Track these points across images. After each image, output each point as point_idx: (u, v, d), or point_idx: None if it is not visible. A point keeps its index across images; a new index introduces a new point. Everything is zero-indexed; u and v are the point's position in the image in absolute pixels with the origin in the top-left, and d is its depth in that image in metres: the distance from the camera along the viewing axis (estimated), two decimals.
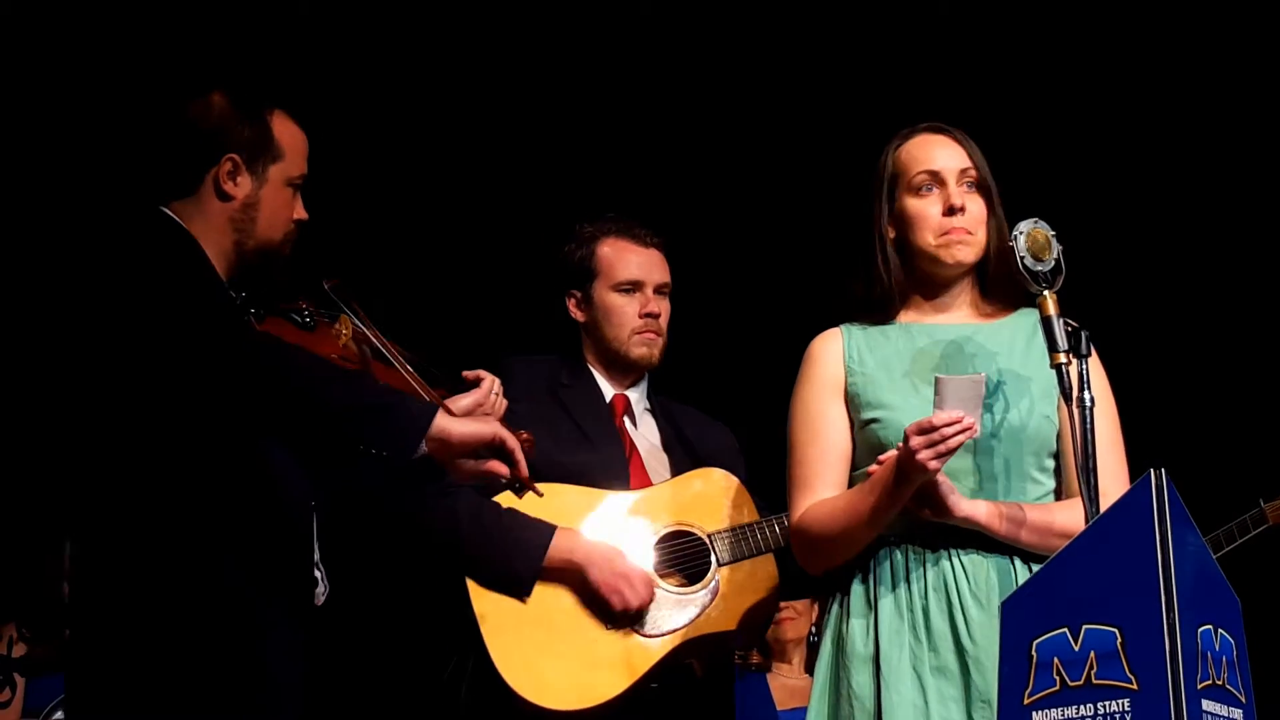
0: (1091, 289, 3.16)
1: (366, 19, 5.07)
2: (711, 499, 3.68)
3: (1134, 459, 3.12)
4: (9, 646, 4.34)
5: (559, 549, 3.54)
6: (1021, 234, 2.95)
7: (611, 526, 3.61)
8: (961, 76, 5.18)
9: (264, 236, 3.09)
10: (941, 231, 3.09)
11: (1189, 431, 5.05)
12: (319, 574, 3.08)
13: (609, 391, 3.83)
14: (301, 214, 3.14)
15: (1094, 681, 2.49)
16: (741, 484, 3.72)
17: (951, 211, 3.09)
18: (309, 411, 2.87)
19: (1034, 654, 2.54)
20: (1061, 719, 2.51)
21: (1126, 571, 2.50)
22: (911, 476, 2.92)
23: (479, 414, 3.24)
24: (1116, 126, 5.30)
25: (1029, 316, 3.13)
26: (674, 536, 3.64)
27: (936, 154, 3.14)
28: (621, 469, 3.72)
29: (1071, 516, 2.96)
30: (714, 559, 3.63)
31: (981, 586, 2.98)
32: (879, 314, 3.17)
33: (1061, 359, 2.89)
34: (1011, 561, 3.01)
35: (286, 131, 3.12)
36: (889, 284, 3.15)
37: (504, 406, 3.37)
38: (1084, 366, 2.88)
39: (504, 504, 3.54)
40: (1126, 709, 2.46)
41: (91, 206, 4.18)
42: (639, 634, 3.55)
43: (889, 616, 3.00)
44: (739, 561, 3.63)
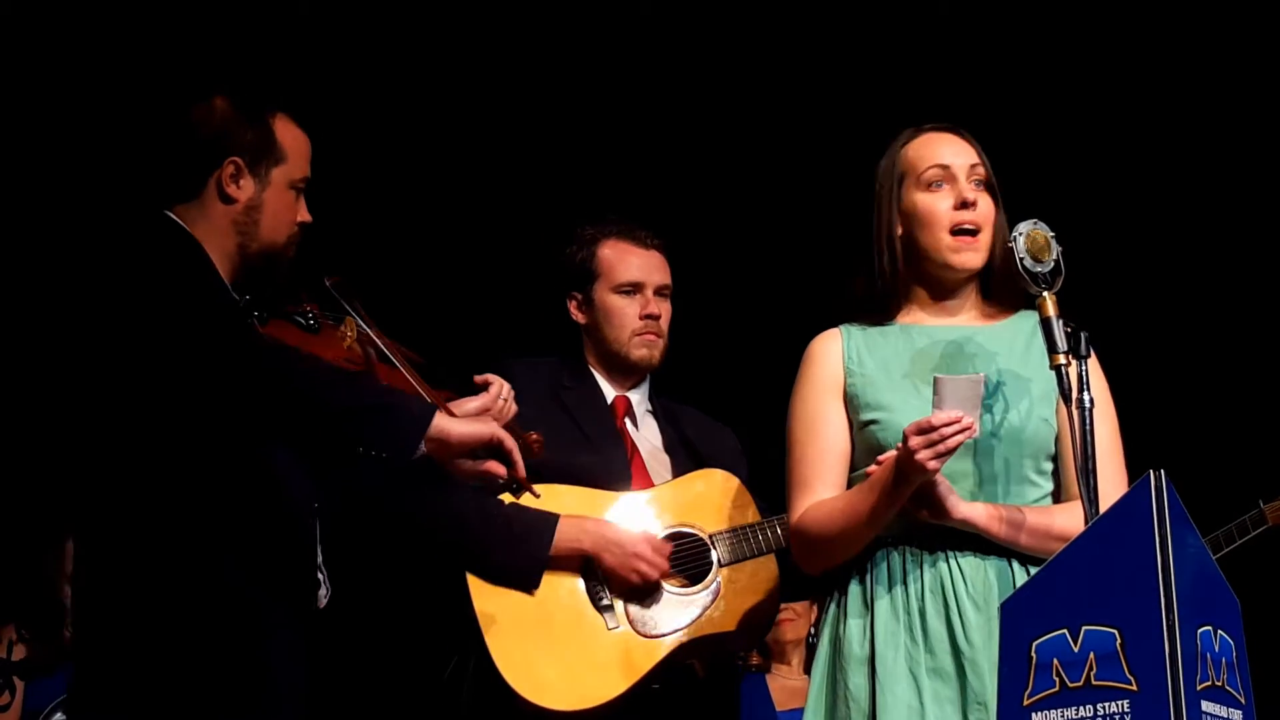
0: (1091, 290, 3.16)
1: (367, 22, 5.07)
2: (713, 500, 3.69)
3: (1133, 460, 3.12)
4: (9, 649, 4.34)
5: (565, 537, 3.54)
6: (1021, 235, 2.94)
7: None
8: (961, 76, 5.18)
9: (267, 239, 3.09)
10: (953, 225, 3.08)
11: (1189, 432, 5.06)
12: (321, 577, 3.09)
13: (610, 393, 3.83)
14: (305, 216, 3.14)
15: (1093, 683, 2.49)
16: (743, 485, 3.72)
17: (964, 205, 3.08)
18: (309, 412, 2.87)
19: (1033, 655, 2.54)
20: None
21: (1126, 572, 2.50)
22: (911, 477, 2.91)
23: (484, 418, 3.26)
24: (1116, 126, 5.30)
25: (1028, 319, 3.13)
26: (675, 537, 3.64)
27: (947, 150, 3.13)
28: (623, 471, 3.72)
29: (1070, 520, 2.95)
30: (715, 560, 3.63)
31: (978, 589, 2.98)
32: (879, 313, 3.16)
33: (1061, 360, 2.89)
34: (1009, 564, 3.01)
35: (289, 134, 3.12)
36: (892, 282, 3.14)
37: (513, 411, 3.38)
38: (1083, 368, 2.88)
39: (507, 499, 3.55)
40: (1126, 710, 2.46)
41: (95, 211, 4.19)
42: (640, 634, 3.55)
43: (885, 618, 3.00)
44: (740, 562, 3.63)
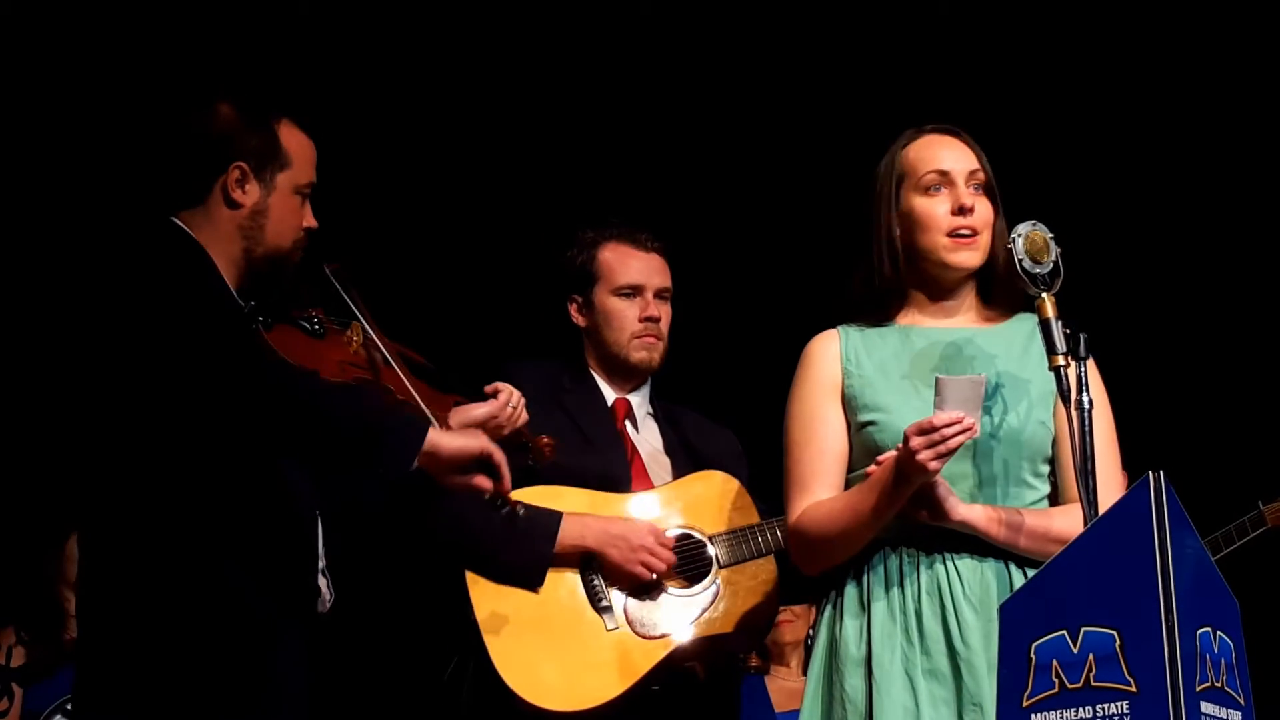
0: (1090, 291, 3.16)
1: (368, 25, 5.08)
2: (712, 501, 3.68)
3: (1133, 462, 3.12)
4: (8, 654, 4.34)
5: (569, 535, 3.53)
6: (1020, 236, 2.94)
7: None
8: (961, 76, 5.18)
9: (273, 244, 3.10)
10: (950, 230, 3.07)
11: (1188, 434, 5.06)
12: (325, 581, 3.09)
13: (611, 396, 3.83)
14: (310, 222, 3.16)
15: (1093, 684, 2.49)
16: (743, 487, 3.72)
17: (961, 211, 3.07)
18: (304, 427, 2.89)
19: (1033, 656, 2.54)
20: None
21: (1125, 574, 2.50)
22: (911, 477, 2.91)
23: (491, 426, 3.29)
24: (1116, 127, 5.31)
25: (1026, 321, 3.13)
26: (675, 539, 3.63)
27: (946, 154, 3.12)
28: (623, 473, 3.72)
29: (1069, 522, 2.95)
30: (715, 561, 3.63)
31: (975, 590, 2.98)
32: (877, 315, 3.15)
33: (1060, 361, 2.89)
34: (1006, 566, 3.00)
35: (294, 140, 3.14)
36: (890, 283, 3.13)
37: (524, 419, 3.39)
38: (1082, 369, 2.88)
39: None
40: (1125, 711, 2.46)
41: (101, 217, 4.20)
42: (639, 635, 3.55)
43: (882, 619, 2.99)
44: (740, 564, 3.63)
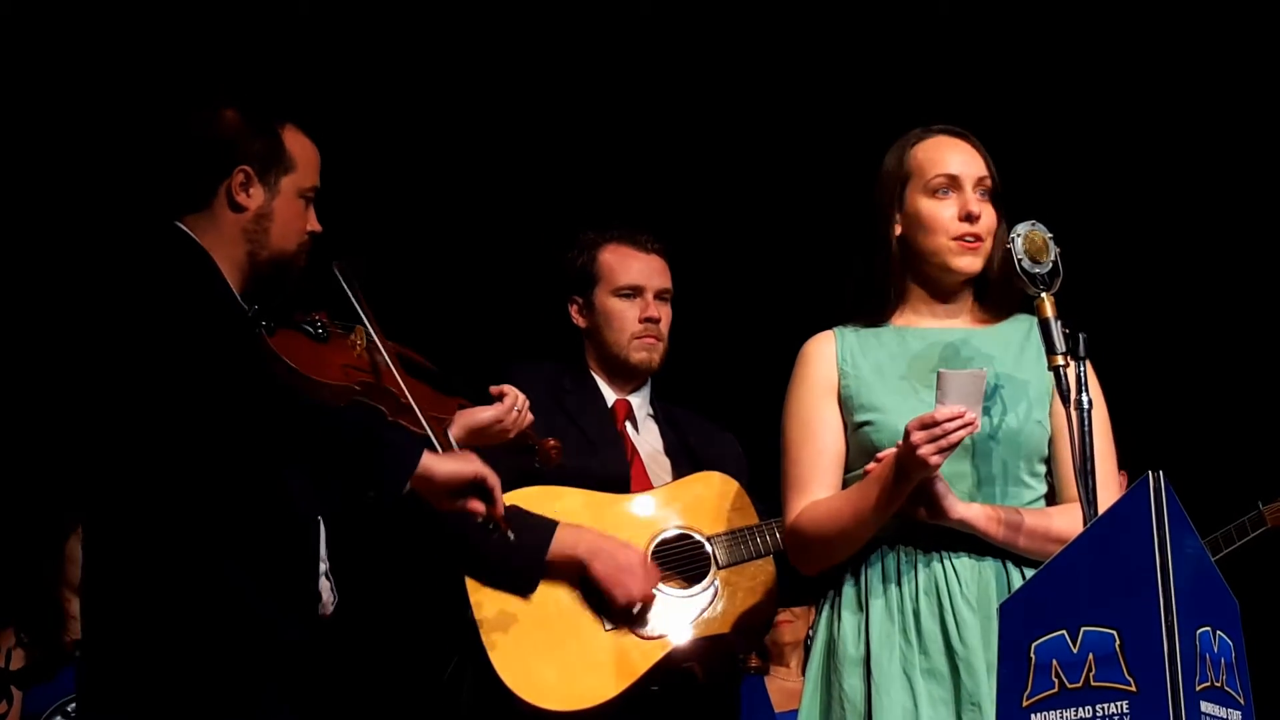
0: (1089, 291, 3.16)
1: (370, 29, 5.08)
2: (711, 502, 3.68)
3: (1132, 462, 3.12)
4: (7, 657, 4.34)
5: (562, 544, 3.53)
6: (1019, 236, 2.94)
7: (612, 529, 3.60)
8: (961, 76, 5.18)
9: (277, 247, 3.11)
10: (955, 235, 3.07)
11: (1187, 434, 5.06)
12: (328, 584, 3.09)
13: (611, 397, 3.83)
14: (314, 226, 3.17)
15: (1093, 683, 2.49)
16: (742, 488, 3.71)
17: (969, 218, 3.07)
18: (297, 448, 2.91)
19: (1032, 656, 2.54)
20: None
21: (1125, 573, 2.50)
22: (911, 473, 2.91)
23: (497, 429, 3.30)
24: (1116, 126, 5.31)
25: (1022, 322, 3.13)
26: (673, 539, 3.64)
27: (956, 158, 3.11)
28: (623, 474, 3.72)
29: (1068, 521, 2.95)
30: (713, 562, 3.63)
31: (973, 589, 2.98)
32: (874, 314, 3.15)
33: (1059, 361, 2.89)
34: (1004, 565, 3.00)
35: (298, 144, 3.15)
36: (890, 282, 3.13)
37: (529, 420, 3.39)
38: (1081, 369, 2.88)
39: (507, 502, 3.54)
40: (1125, 711, 2.45)
41: (106, 222, 4.21)
42: (637, 635, 3.55)
43: (880, 618, 2.99)
44: (738, 565, 3.63)
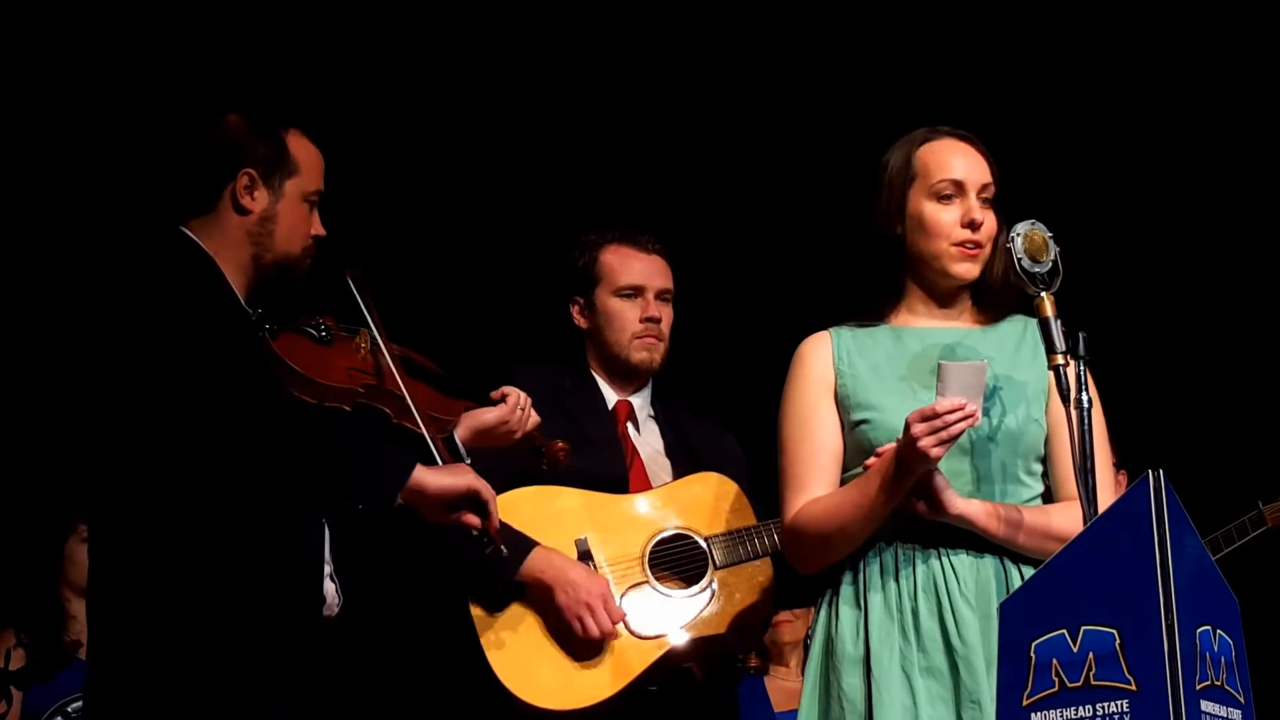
0: (1089, 291, 3.16)
1: (371, 33, 5.08)
2: (709, 503, 3.68)
3: (1132, 462, 3.12)
4: (7, 657, 4.34)
5: (532, 567, 3.51)
6: (1019, 235, 2.94)
7: (609, 529, 3.61)
8: (961, 76, 5.18)
9: (282, 250, 3.12)
10: (956, 241, 3.06)
11: (1187, 433, 5.06)
12: (334, 585, 3.09)
13: (612, 398, 3.83)
14: (319, 230, 3.19)
15: (1093, 683, 2.49)
16: (740, 489, 3.71)
17: (971, 225, 3.07)
18: (289, 460, 2.92)
19: (1032, 655, 2.54)
20: None
21: (1125, 573, 2.49)
22: (912, 466, 2.91)
23: (503, 430, 3.32)
24: (1116, 126, 5.31)
25: (1019, 323, 3.14)
26: (671, 539, 3.63)
27: (961, 163, 3.10)
28: (622, 475, 3.72)
29: (1067, 519, 2.95)
30: (710, 563, 3.62)
31: (971, 587, 2.98)
32: (870, 314, 3.15)
33: (1059, 360, 2.89)
34: (1002, 563, 3.00)
35: (302, 149, 3.17)
36: (889, 281, 3.13)
37: (535, 421, 3.39)
38: (1080, 368, 2.87)
39: (506, 502, 3.54)
40: (1125, 710, 2.45)
41: (110, 228, 4.22)
42: (634, 636, 3.55)
43: (879, 617, 2.99)
44: (736, 565, 3.63)
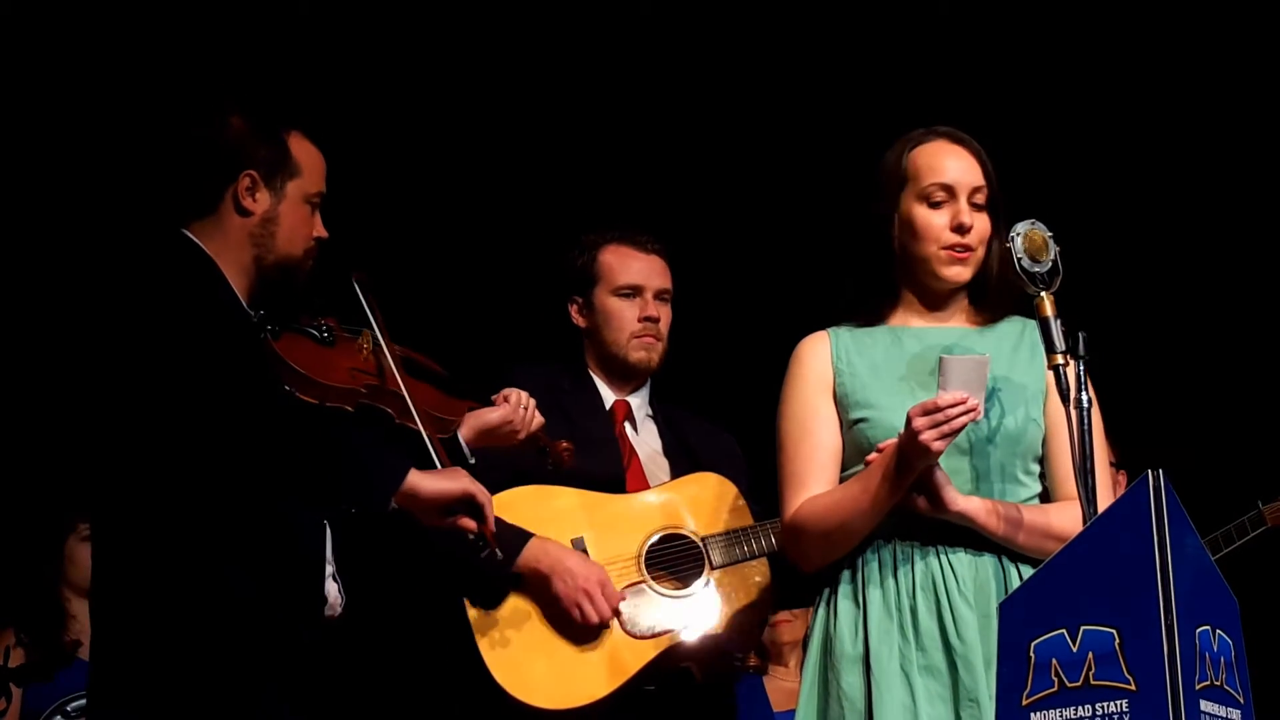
0: (1089, 291, 3.16)
1: (371, 34, 5.08)
2: (706, 503, 3.67)
3: (1132, 462, 3.12)
4: (6, 656, 4.34)
5: (528, 557, 3.52)
6: (1019, 235, 2.94)
7: (606, 529, 3.61)
8: (961, 77, 5.18)
9: (283, 251, 3.12)
10: (945, 245, 3.07)
11: (1187, 433, 5.06)
12: (336, 586, 3.10)
13: (610, 398, 3.83)
14: (321, 232, 3.19)
15: (1092, 682, 2.49)
16: (738, 490, 3.71)
17: (959, 229, 3.06)
18: (285, 463, 2.92)
19: (1032, 655, 2.54)
20: None
21: (1125, 573, 2.49)
22: (913, 461, 2.91)
23: (506, 430, 3.33)
24: (1116, 126, 5.30)
25: (1016, 323, 3.14)
26: (668, 539, 3.63)
27: (953, 166, 3.10)
28: (619, 475, 3.72)
29: (1066, 519, 2.95)
30: (707, 562, 3.62)
31: (970, 586, 2.98)
32: (868, 314, 3.15)
33: (1059, 360, 2.88)
34: (1000, 561, 3.00)
35: (304, 150, 3.17)
36: (885, 282, 3.13)
37: (539, 422, 3.39)
38: (1080, 368, 2.87)
39: (503, 501, 3.54)
40: (1125, 710, 2.45)
41: (111, 230, 4.22)
42: (629, 635, 3.54)
43: (878, 615, 2.99)
44: (733, 565, 3.63)
